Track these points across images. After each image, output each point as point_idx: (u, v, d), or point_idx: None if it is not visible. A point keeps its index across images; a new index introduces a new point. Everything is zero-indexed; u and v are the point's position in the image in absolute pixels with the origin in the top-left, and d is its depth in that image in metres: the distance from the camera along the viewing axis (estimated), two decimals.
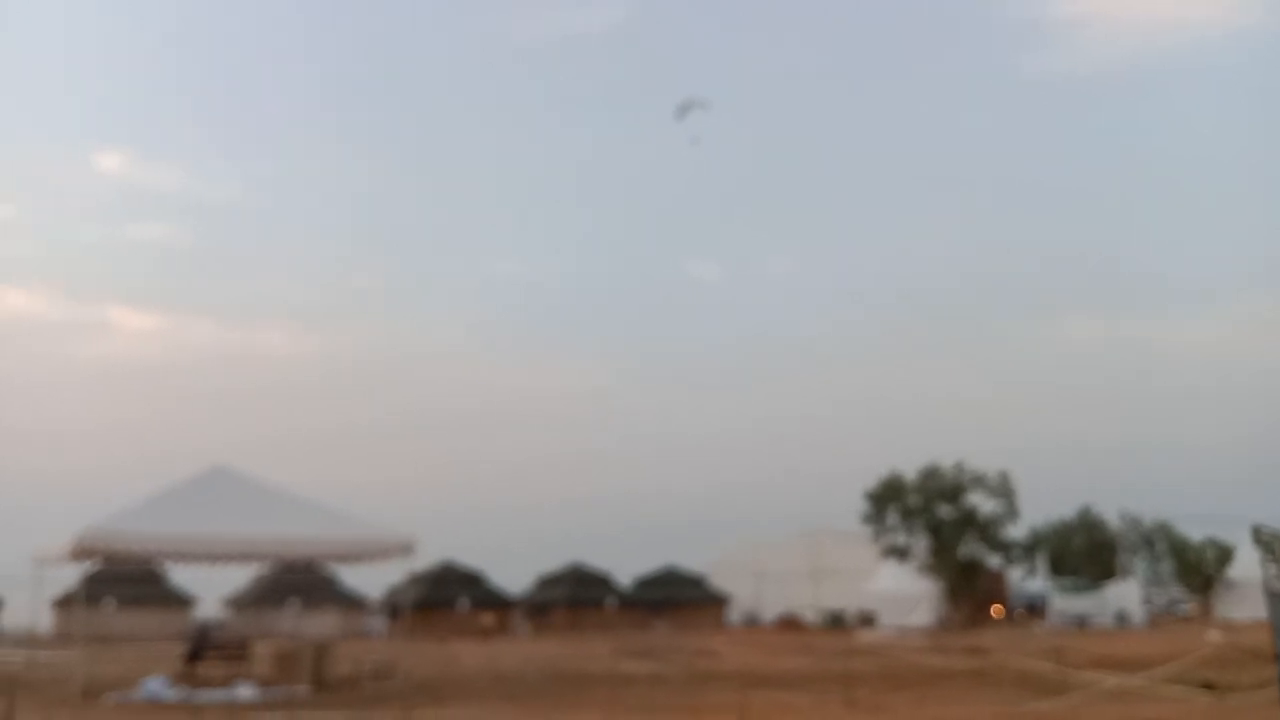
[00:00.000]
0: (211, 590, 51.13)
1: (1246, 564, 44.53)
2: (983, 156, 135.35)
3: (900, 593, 54.04)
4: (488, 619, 44.55)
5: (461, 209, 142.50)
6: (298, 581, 50.62)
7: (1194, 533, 61.52)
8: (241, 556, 17.49)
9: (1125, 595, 53.46)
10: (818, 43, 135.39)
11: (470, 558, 55.39)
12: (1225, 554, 56.61)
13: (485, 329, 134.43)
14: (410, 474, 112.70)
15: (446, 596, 47.93)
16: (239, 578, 50.57)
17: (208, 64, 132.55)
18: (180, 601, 49.75)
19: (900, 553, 54.13)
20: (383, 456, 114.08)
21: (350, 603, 53.74)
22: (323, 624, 49.87)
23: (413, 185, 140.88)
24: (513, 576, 60.18)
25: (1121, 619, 50.27)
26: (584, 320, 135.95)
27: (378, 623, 53.34)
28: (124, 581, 47.01)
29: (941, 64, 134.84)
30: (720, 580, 63.25)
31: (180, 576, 48.07)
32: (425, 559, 19.93)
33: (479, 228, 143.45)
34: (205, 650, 21.33)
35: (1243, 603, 46.97)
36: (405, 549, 19.24)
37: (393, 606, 51.92)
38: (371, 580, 52.98)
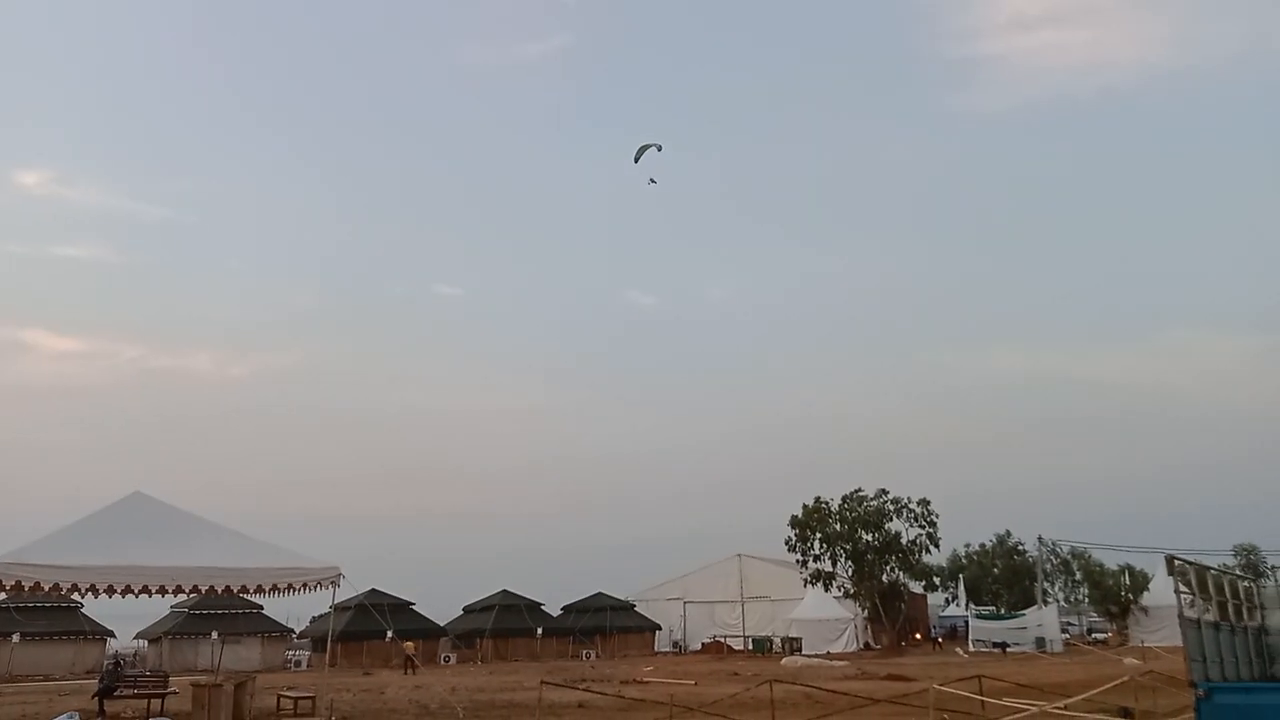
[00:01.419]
0: (128, 623, 49.55)
1: (1161, 591, 45.92)
2: (911, 190, 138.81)
3: (824, 618, 54.60)
4: (409, 646, 43.79)
5: (404, 231, 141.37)
6: (219, 613, 49.36)
7: (1110, 560, 63.28)
8: (160, 587, 17.06)
9: (1044, 621, 54.63)
10: (754, 79, 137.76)
11: (397, 587, 54.67)
12: (1141, 581, 58.18)
13: (427, 351, 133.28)
14: (339, 502, 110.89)
15: (372, 627, 47.07)
16: (157, 609, 49.09)
17: (136, 81, 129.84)
18: (95, 635, 48.09)
19: (824, 579, 54.70)
20: (311, 485, 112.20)
21: (274, 634, 52.54)
22: (245, 656, 48.64)
23: (353, 205, 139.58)
24: (440, 605, 59.54)
25: (1041, 644, 51.34)
26: (522, 343, 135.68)
27: (302, 654, 52.23)
28: (35, 614, 45.35)
29: (872, 100, 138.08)
30: (648, 607, 63.27)
31: (96, 609, 46.53)
32: (351, 589, 19.67)
33: (422, 250, 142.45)
34: (119, 686, 20.74)
35: (1158, 629, 48.37)
36: (331, 579, 18.99)
37: (317, 637, 50.90)
38: (296, 611, 52.00)
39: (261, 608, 49.18)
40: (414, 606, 55.03)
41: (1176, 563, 12.54)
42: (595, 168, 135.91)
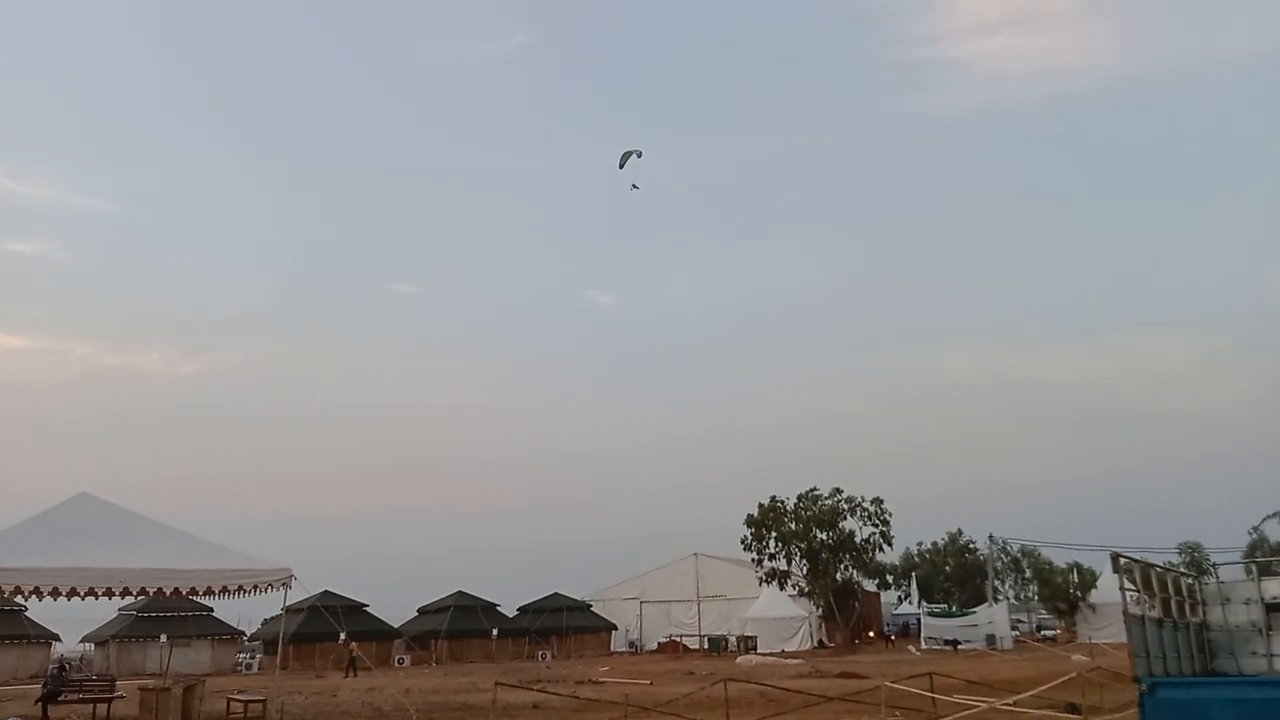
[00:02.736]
0: (74, 626, 48.61)
1: (1108, 588, 46.69)
2: (869, 191, 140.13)
3: (779, 616, 54.93)
4: (352, 648, 43.23)
5: (360, 229, 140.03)
6: (168, 615, 48.59)
7: (1059, 558, 64.31)
8: (107, 589, 16.75)
9: (995, 619, 55.35)
10: (713, 79, 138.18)
11: (351, 588, 54.19)
12: (1089, 579, 59.14)
13: (380, 350, 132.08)
14: (292, 502, 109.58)
15: (325, 629, 46.59)
16: (104, 612, 48.20)
17: (85, 73, 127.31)
18: (40, 639, 47.08)
19: (780, 577, 55.05)
20: (263, 485, 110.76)
21: (224, 636, 51.83)
22: (194, 659, 47.90)
23: (307, 203, 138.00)
24: (394, 607, 59.09)
25: (991, 642, 52.03)
26: (479, 342, 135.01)
27: (253, 657, 51.55)
28: None
29: (832, 101, 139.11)
30: (605, 607, 63.25)
31: (40, 611, 45.54)
32: (303, 590, 19.46)
33: (378, 248, 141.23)
34: (64, 691, 20.36)
35: (1106, 625, 49.20)
36: (282, 580, 18.77)
37: (269, 640, 50.26)
38: (247, 613, 51.29)
39: (211, 610, 48.51)
40: (367, 608, 54.54)
41: (1122, 560, 12.76)
42: (553, 166, 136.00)
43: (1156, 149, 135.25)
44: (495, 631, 56.39)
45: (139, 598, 21.74)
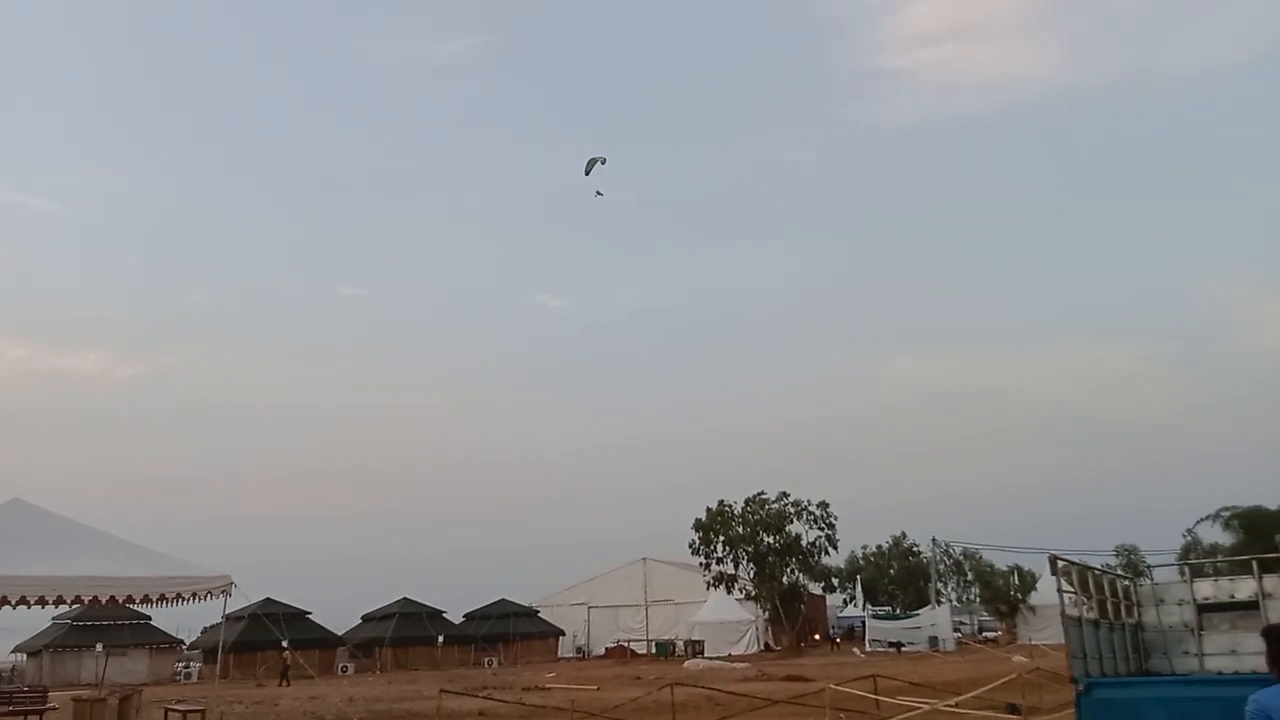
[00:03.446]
0: (6, 636, 47.35)
1: (1048, 590, 47.56)
2: (821, 198, 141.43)
3: (726, 620, 55.17)
4: (286, 656, 42.55)
5: (305, 230, 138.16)
6: (104, 624, 47.51)
7: (1000, 561, 65.34)
8: (40, 598, 16.32)
9: (937, 621, 56.09)
10: (663, 85, 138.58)
11: (293, 595, 53.42)
12: (1029, 581, 60.15)
13: (325, 353, 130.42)
14: (234, 508, 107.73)
15: (266, 637, 45.85)
16: (37, 621, 46.99)
17: (26, 68, 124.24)
18: None
19: (727, 581, 55.27)
20: (204, 490, 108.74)
21: (162, 645, 50.79)
22: (131, 669, 46.91)
23: (251, 202, 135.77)
24: (338, 614, 58.37)
25: (934, 644, 52.70)
26: (427, 345, 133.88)
27: (193, 666, 50.61)
28: None
29: (780, 109, 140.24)
30: (552, 613, 63.01)
31: None
32: (244, 598, 19.13)
33: (323, 250, 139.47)
34: None
35: (1045, 627, 50.07)
36: (222, 588, 18.45)
37: (209, 648, 49.36)
38: (186, 621, 50.33)
39: (149, 618, 47.57)
40: (310, 616, 53.82)
41: (1060, 563, 12.98)
42: (504, 170, 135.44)
43: (1100, 160, 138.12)
44: (441, 638, 55.93)
45: (73, 606, 21.23)
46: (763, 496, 55.91)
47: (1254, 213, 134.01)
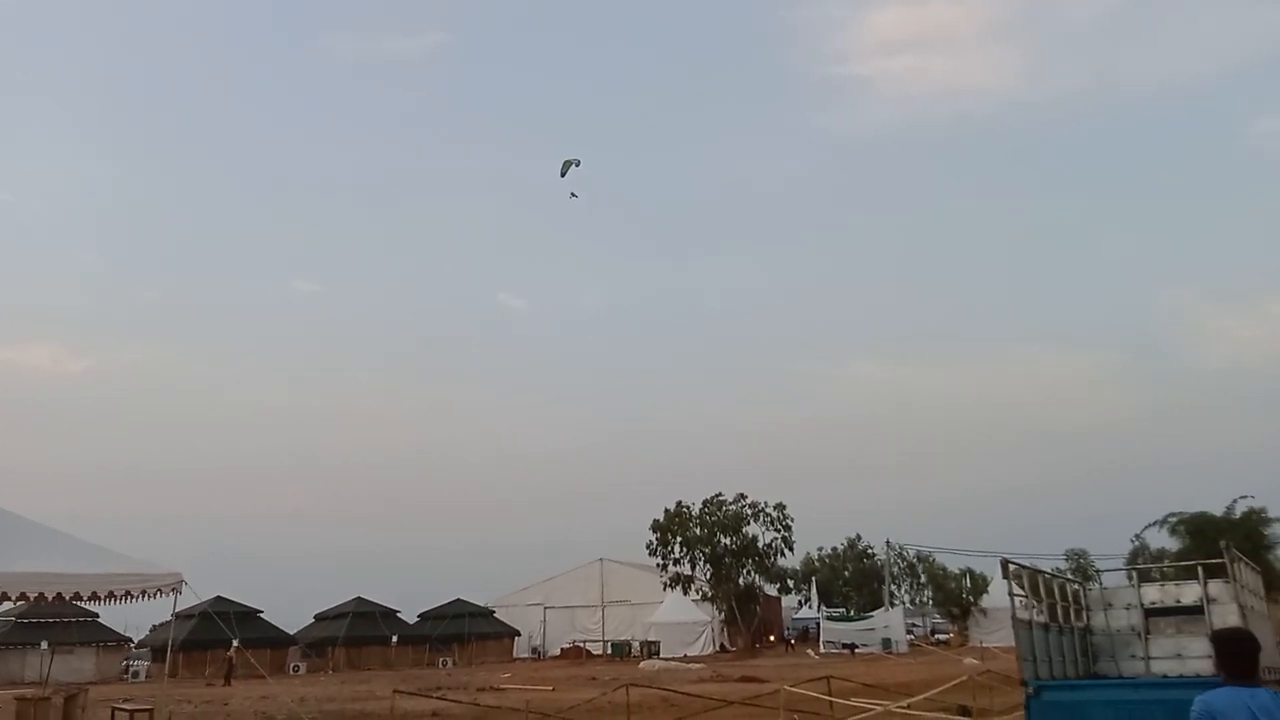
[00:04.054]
0: None
1: (999, 593, 48.20)
2: (782, 205, 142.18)
3: (683, 621, 55.29)
4: (231, 654, 41.98)
5: (259, 225, 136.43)
6: (50, 622, 46.60)
7: (953, 563, 66.05)
8: None
9: (891, 623, 56.55)
10: (627, 91, 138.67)
11: (245, 594, 52.76)
12: (981, 584, 60.83)
13: (280, 349, 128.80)
14: (185, 504, 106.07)
15: (217, 636, 45.25)
16: None
17: None
18: None
19: (684, 582, 55.40)
20: (155, 486, 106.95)
21: (110, 644, 49.92)
22: (78, 667, 46.05)
23: (202, 197, 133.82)
24: (290, 613, 57.73)
25: (887, 645, 53.12)
26: (383, 341, 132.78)
27: (141, 664, 49.82)
28: None
29: (743, 116, 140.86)
30: (508, 613, 62.75)
31: None
32: (194, 595, 18.82)
33: (277, 245, 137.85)
34: None
35: (996, 629, 50.67)
36: (172, 585, 18.15)
37: (157, 647, 48.62)
38: (135, 619, 49.54)
39: (97, 616, 46.76)
40: (262, 614, 53.19)
41: (1011, 567, 13.15)
42: (467, 169, 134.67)
43: (1054, 171, 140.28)
44: (395, 638, 55.51)
45: (18, 603, 20.79)
46: (720, 498, 56.17)
47: (1205, 226, 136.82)
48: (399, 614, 58.58)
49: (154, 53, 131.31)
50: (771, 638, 63.10)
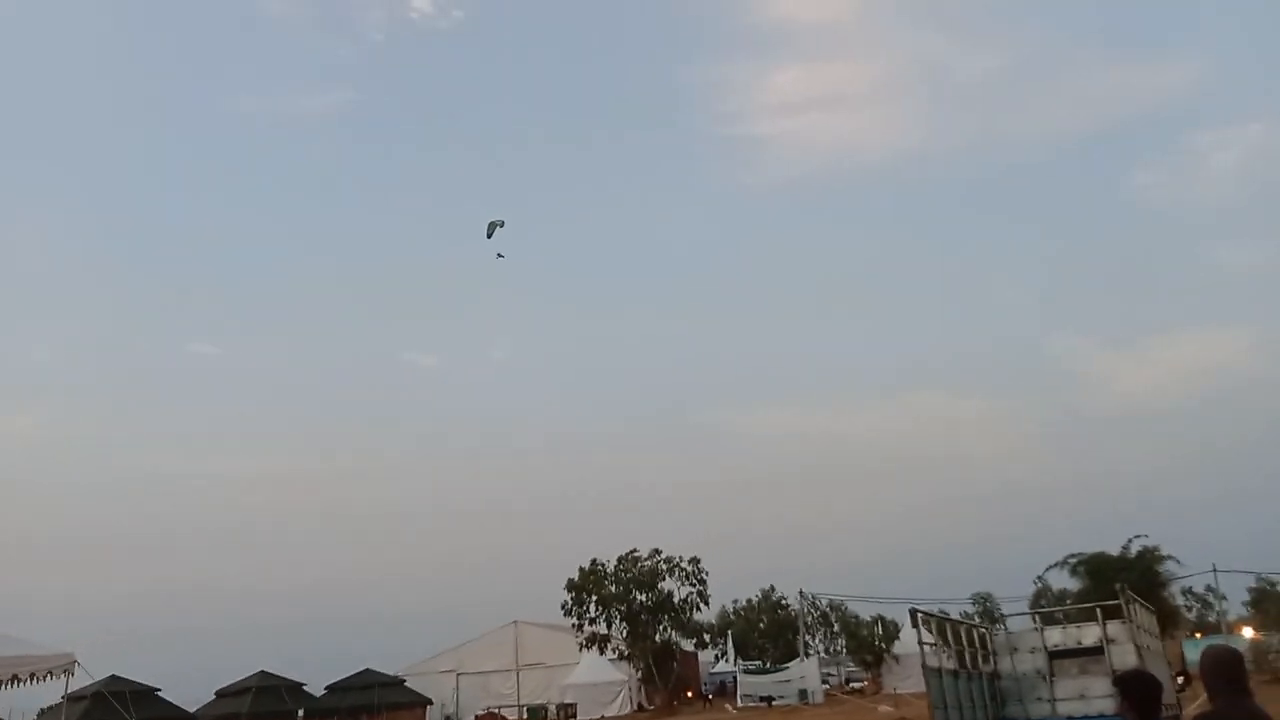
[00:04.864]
0: None
1: (911, 640, 48.89)
2: (686, 258, 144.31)
3: (599, 681, 54.60)
4: None
5: (157, 285, 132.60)
6: None
7: (865, 611, 66.74)
8: None
9: (806, 673, 56.68)
10: (535, 146, 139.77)
11: (142, 672, 50.36)
12: (892, 631, 61.57)
13: (177, 414, 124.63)
14: (77, 579, 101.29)
15: (111, 717, 43.04)
16: None
17: None
18: None
19: (600, 641, 54.78)
20: (46, 560, 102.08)
21: None
22: None
23: (98, 254, 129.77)
24: (191, 690, 55.27)
25: (803, 696, 53.20)
26: (285, 404, 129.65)
27: None
28: None
29: (652, 172, 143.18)
30: (420, 681, 61.03)
31: None
32: (87, 676, 17.99)
33: (172, 304, 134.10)
34: None
35: (909, 676, 51.28)
36: (64, 666, 17.33)
37: None
38: (21, 703, 46.76)
39: None
40: (160, 692, 50.75)
41: (919, 615, 13.42)
42: (365, 226, 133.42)
43: (948, 223, 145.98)
44: (301, 712, 53.49)
45: None
46: (635, 554, 55.86)
47: (1090, 274, 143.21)
48: (305, 687, 56.50)
49: (53, 101, 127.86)
50: (690, 694, 62.62)
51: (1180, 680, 27.36)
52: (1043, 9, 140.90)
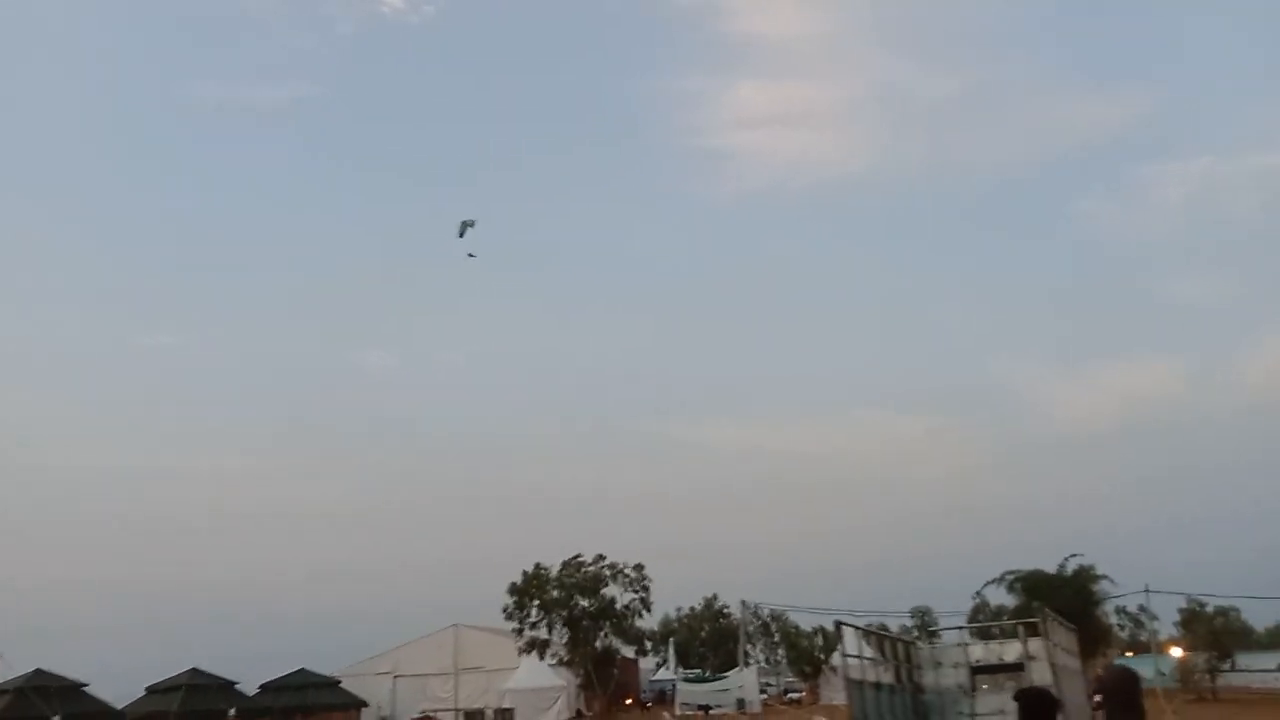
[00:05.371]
0: None
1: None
2: (642, 270, 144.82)
3: (538, 687, 54.34)
4: None
5: (107, 272, 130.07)
6: None
7: (806, 622, 67.10)
8: None
9: (745, 682, 56.85)
10: (499, 148, 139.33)
11: (68, 666, 49.34)
12: (832, 642, 61.95)
13: (126, 406, 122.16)
14: (2, 570, 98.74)
15: (35, 713, 42.08)
16: None
17: None
18: None
19: (540, 646, 54.54)
20: None
21: None
22: None
23: (48, 242, 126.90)
24: (119, 686, 54.22)
25: (741, 705, 53.38)
26: (230, 401, 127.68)
27: None
28: None
29: (612, 181, 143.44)
30: (355, 683, 60.31)
31: None
32: (10, 670, 17.58)
33: (125, 295, 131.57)
34: None
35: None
36: None
37: None
38: None
39: None
40: (87, 688, 49.75)
41: (845, 627, 13.54)
42: (318, 226, 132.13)
43: (896, 241, 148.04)
44: (233, 711, 52.70)
45: None
46: (580, 559, 55.73)
47: (1034, 298, 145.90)
48: (238, 685, 55.65)
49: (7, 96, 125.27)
50: (629, 701, 62.59)
51: (1098, 699, 27.79)
52: (998, 39, 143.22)
